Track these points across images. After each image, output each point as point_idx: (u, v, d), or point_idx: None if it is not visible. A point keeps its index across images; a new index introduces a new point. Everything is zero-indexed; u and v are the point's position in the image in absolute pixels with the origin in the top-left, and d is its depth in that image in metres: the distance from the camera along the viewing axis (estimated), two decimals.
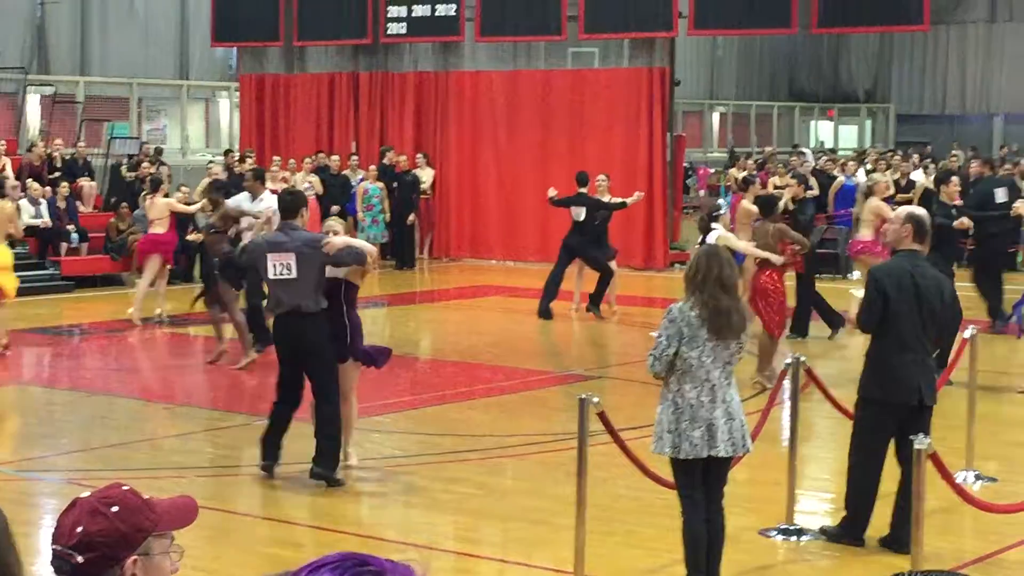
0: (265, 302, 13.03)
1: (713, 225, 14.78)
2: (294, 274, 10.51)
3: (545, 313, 19.62)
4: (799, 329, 17.60)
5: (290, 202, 11.13)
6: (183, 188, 21.34)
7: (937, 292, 9.03)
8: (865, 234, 18.20)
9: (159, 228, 19.25)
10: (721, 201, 17.51)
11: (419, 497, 10.54)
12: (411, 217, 26.14)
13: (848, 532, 9.26)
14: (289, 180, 25.76)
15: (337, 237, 10.75)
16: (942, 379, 11.33)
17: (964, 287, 16.11)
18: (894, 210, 12.12)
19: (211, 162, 26.01)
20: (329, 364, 10.70)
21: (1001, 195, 18.80)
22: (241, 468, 11.51)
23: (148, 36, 34.72)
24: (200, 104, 35.49)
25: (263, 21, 28.89)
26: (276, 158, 26.73)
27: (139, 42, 34.60)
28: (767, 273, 14.75)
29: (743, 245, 14.83)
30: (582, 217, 19.64)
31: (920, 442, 7.38)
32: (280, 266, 10.53)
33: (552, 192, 20.36)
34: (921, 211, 9.49)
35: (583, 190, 19.83)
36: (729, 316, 7.70)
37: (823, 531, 9.45)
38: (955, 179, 16.28)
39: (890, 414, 8.98)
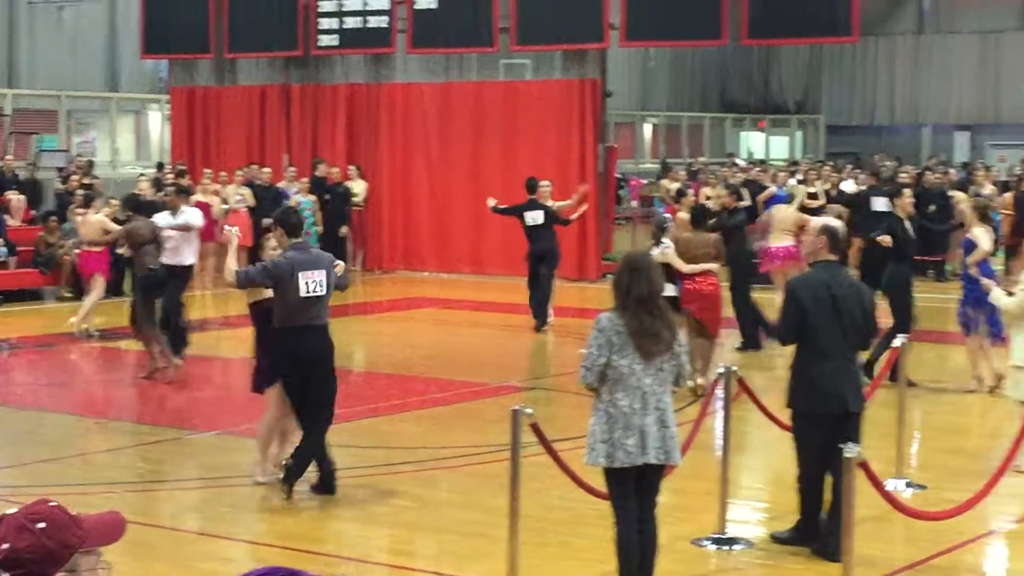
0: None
1: (663, 240, 15.18)
2: (324, 291, 10.69)
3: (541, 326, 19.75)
4: (753, 343, 17.74)
5: (299, 221, 11.32)
6: (112, 201, 21.18)
7: (857, 301, 9.17)
8: (783, 242, 18.57)
9: (93, 246, 19.27)
10: (669, 215, 17.70)
11: (353, 510, 10.50)
12: (343, 229, 26.06)
13: (801, 536, 9.38)
14: (220, 192, 25.67)
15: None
16: (871, 388, 11.45)
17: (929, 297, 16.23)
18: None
19: (142, 175, 25.84)
20: (334, 376, 10.87)
21: (879, 204, 19.26)
22: (170, 483, 11.43)
23: (77, 48, 34.50)
24: (130, 117, 35.25)
25: (193, 33, 28.73)
26: (207, 171, 26.59)
27: (68, 54, 34.36)
28: (706, 279, 15.02)
29: (682, 264, 15.06)
30: (540, 220, 19.75)
31: (850, 450, 7.43)
32: (313, 283, 10.65)
33: (492, 201, 20.43)
34: (836, 223, 9.65)
35: (534, 196, 19.94)
36: (657, 335, 7.70)
37: (774, 537, 9.53)
38: (907, 192, 16.51)
39: (817, 424, 9.10)
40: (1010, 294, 11.72)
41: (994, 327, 14.66)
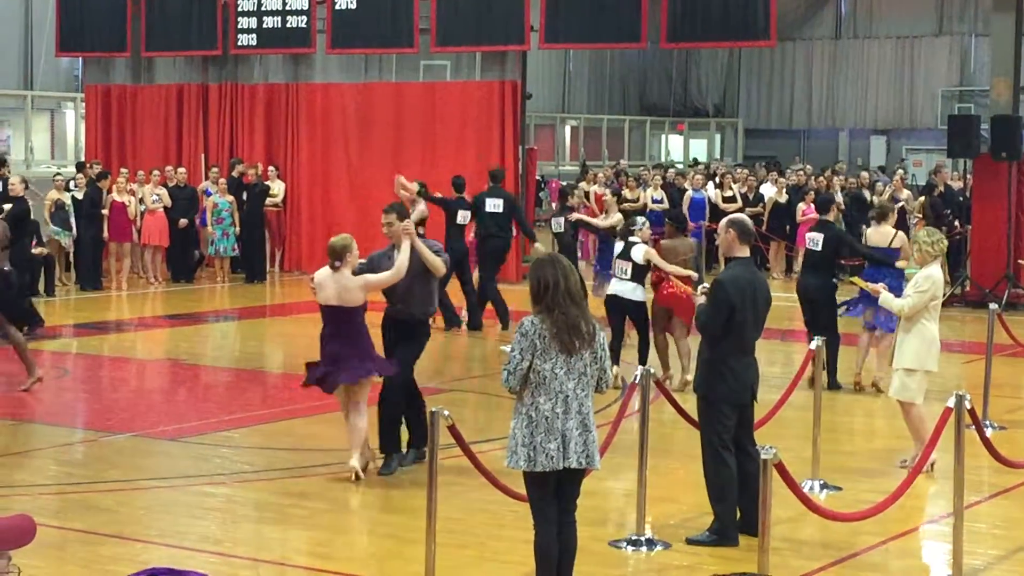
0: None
1: (632, 239, 15.47)
2: None
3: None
4: None
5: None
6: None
7: (764, 294, 9.65)
8: None
9: None
10: (640, 216, 17.93)
11: (269, 512, 10.44)
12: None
13: (718, 538, 9.52)
14: (136, 192, 25.45)
15: None
16: (788, 391, 11.55)
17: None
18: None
19: (58, 174, 25.58)
20: None
21: (491, 205, 20.02)
22: (84, 485, 11.30)
23: None
24: (45, 115, 34.84)
25: (110, 31, 28.47)
26: (124, 170, 26.35)
27: None
28: (685, 282, 15.47)
29: (665, 263, 15.42)
30: (468, 220, 19.96)
31: (766, 452, 7.48)
32: None
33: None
34: (739, 216, 9.95)
35: (463, 195, 20.07)
36: (578, 329, 7.70)
37: (689, 541, 9.59)
38: (838, 200, 16.98)
39: (731, 410, 9.50)
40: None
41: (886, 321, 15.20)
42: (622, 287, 15.42)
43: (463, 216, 19.87)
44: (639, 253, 15.30)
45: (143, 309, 23.01)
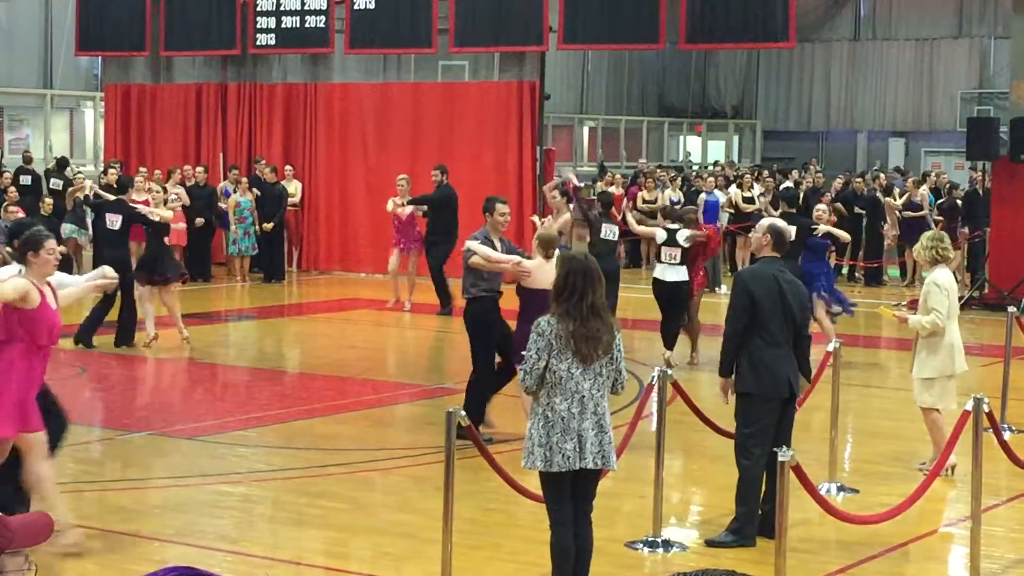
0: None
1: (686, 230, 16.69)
2: None
3: None
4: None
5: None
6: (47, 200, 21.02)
7: (798, 294, 9.65)
8: None
9: None
10: (693, 206, 18.04)
11: (286, 512, 10.45)
12: (268, 225, 25.64)
13: (737, 539, 9.52)
14: (154, 191, 25.47)
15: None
16: (806, 393, 11.51)
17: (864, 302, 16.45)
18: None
19: (78, 173, 25.63)
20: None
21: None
22: (101, 483, 11.32)
23: (11, 45, 34.09)
24: (65, 114, 34.90)
25: (129, 30, 28.50)
26: (142, 169, 26.39)
27: (1, 51, 33.98)
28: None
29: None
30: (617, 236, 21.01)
31: (783, 454, 7.47)
32: None
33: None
34: (781, 223, 9.93)
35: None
36: (597, 340, 7.69)
37: (708, 542, 9.58)
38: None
39: (767, 407, 9.46)
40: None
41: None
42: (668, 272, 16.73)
43: (610, 231, 17.35)
44: (682, 237, 16.55)
45: (160, 308, 23.02)
